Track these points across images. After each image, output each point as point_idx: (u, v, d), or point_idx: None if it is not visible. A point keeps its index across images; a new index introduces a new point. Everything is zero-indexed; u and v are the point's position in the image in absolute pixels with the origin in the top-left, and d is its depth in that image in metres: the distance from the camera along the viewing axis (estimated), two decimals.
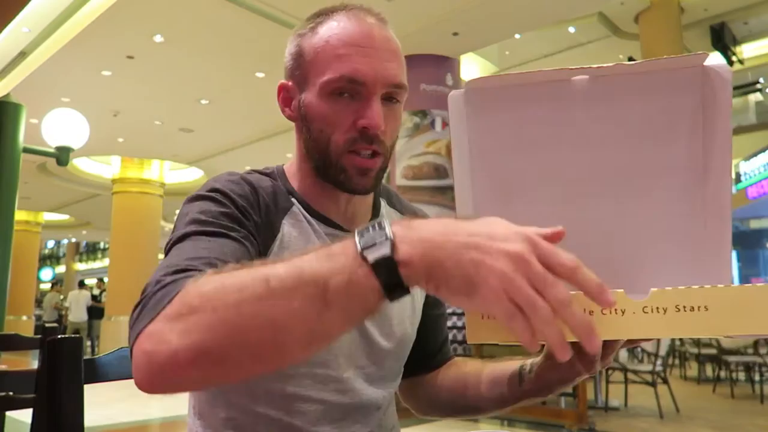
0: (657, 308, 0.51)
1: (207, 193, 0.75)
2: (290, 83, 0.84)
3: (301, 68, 0.81)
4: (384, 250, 0.47)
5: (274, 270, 0.49)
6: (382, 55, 0.77)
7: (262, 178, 0.83)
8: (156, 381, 0.51)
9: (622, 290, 0.52)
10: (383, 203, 0.94)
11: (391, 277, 0.47)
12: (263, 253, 0.76)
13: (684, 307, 0.51)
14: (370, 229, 0.49)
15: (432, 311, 0.97)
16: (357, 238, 0.48)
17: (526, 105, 0.65)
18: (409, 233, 0.48)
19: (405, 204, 1.00)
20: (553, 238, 0.48)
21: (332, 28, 0.79)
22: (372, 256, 0.47)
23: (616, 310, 0.51)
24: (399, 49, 0.81)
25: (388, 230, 0.48)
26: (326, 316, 0.47)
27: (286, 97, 0.85)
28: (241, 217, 0.74)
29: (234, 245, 0.68)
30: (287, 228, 0.80)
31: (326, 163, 0.80)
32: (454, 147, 0.67)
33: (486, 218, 0.49)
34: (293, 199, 0.83)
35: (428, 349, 0.97)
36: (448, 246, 0.46)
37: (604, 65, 0.61)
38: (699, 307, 0.51)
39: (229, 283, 0.50)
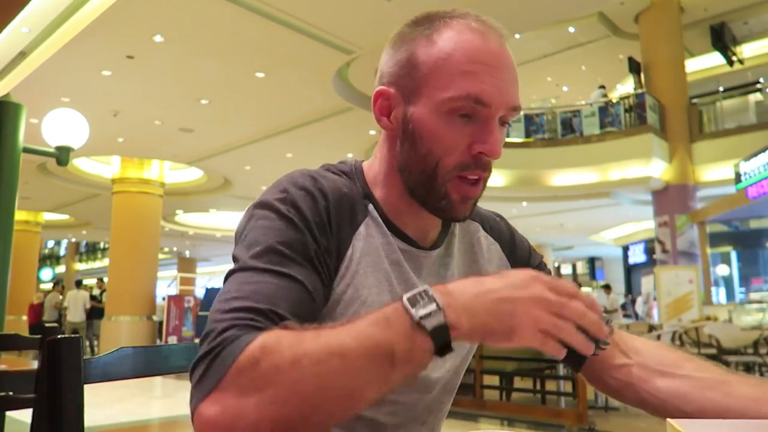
0: None
1: (286, 211, 0.70)
2: (392, 91, 0.76)
3: (412, 78, 0.74)
4: (439, 319, 0.55)
5: (345, 343, 0.54)
6: (506, 76, 0.72)
7: (338, 182, 0.77)
8: None
9: (676, 422, 0.55)
10: None
11: (443, 340, 0.55)
12: (330, 276, 0.72)
13: None
14: (419, 298, 0.56)
15: None
16: (409, 307, 0.55)
17: None
18: (452, 301, 0.56)
19: (476, 208, 0.92)
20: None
21: (454, 40, 0.72)
22: (429, 324, 0.55)
23: None
24: (516, 68, 0.75)
25: (438, 300, 0.55)
26: (392, 377, 0.55)
27: (384, 105, 0.77)
28: (312, 252, 0.70)
29: (302, 292, 0.66)
30: (358, 243, 0.75)
31: (428, 186, 0.74)
32: None
33: (503, 271, 0.60)
34: (370, 206, 0.78)
35: None
36: (486, 305, 0.56)
37: None
38: None
39: (302, 354, 0.54)
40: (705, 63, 14.80)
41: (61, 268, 29.52)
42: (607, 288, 12.86)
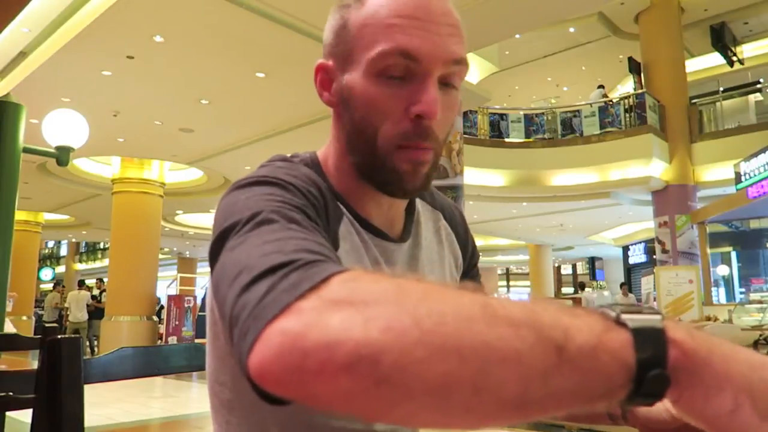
0: None
1: (278, 180, 0.60)
2: (330, 62, 0.71)
3: (344, 44, 0.68)
4: (654, 322, 0.37)
5: (488, 298, 0.37)
6: (440, 29, 0.65)
7: (313, 174, 0.69)
8: (287, 373, 0.36)
9: None
10: (417, 198, 0.82)
11: (653, 354, 0.35)
12: None
13: None
14: (631, 307, 0.38)
15: None
16: (609, 309, 0.38)
17: None
18: (685, 327, 0.38)
19: (437, 196, 0.87)
20: None
21: None
22: (634, 322, 0.36)
23: None
24: (460, 23, 0.68)
25: (658, 313, 0.38)
26: (554, 379, 0.34)
27: (324, 79, 0.73)
28: (318, 221, 0.59)
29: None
30: (340, 241, 0.69)
31: (372, 160, 0.68)
32: None
33: None
34: (340, 205, 0.71)
35: None
36: (740, 356, 0.37)
37: None
38: None
39: (419, 292, 0.37)
40: (705, 63, 14.81)
41: (61, 268, 29.53)
42: (623, 287, 12.87)
